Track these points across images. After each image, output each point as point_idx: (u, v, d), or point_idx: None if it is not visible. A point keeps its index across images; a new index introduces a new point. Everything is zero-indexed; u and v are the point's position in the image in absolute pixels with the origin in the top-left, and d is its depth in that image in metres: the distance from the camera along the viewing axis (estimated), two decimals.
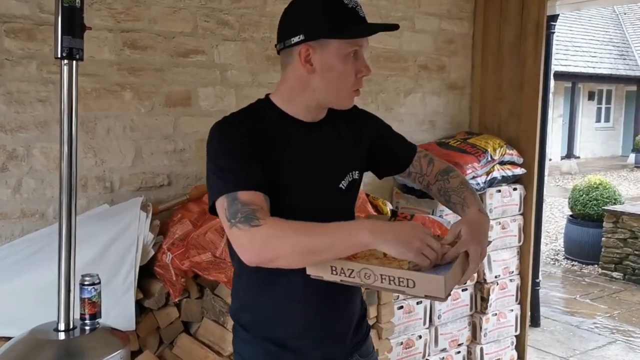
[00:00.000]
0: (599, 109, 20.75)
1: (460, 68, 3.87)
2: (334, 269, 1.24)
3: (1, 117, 2.34)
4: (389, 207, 3.06)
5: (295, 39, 1.32)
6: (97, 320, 1.82)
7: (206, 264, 2.39)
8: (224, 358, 2.38)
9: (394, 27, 1.37)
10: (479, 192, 3.40)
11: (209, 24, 2.80)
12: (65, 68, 1.70)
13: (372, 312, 2.85)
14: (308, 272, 1.27)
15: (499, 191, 3.52)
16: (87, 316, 1.80)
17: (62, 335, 1.76)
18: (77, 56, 1.71)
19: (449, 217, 3.25)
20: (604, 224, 6.31)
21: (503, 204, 3.54)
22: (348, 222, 1.22)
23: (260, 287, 1.43)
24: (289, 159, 1.37)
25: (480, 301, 3.53)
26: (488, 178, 3.43)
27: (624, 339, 4.43)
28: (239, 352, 1.50)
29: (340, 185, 1.46)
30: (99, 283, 1.82)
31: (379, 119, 1.63)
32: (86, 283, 1.79)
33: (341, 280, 1.24)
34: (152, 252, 2.44)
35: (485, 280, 3.50)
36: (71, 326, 1.78)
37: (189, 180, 2.80)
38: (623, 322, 4.79)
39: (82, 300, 1.80)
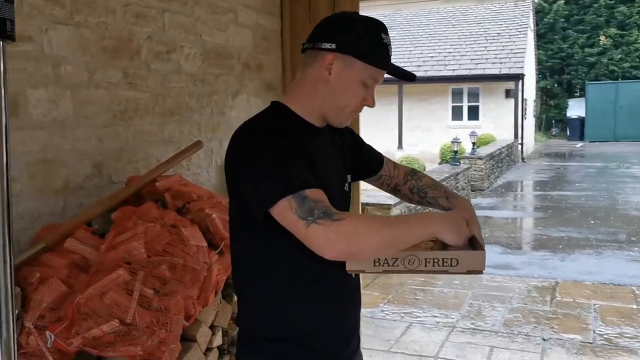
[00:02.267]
0: None
1: (273, 68, 3.60)
2: (376, 261, 1.28)
3: None
4: None
5: (327, 45, 1.37)
6: None
7: (111, 336, 1.69)
8: None
9: (413, 77, 1.46)
10: None
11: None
12: None
13: None
14: (348, 268, 1.30)
15: None
16: None
17: None
18: (9, 32, 0.97)
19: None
20: None
21: None
22: (416, 215, 1.37)
23: (298, 290, 1.40)
24: (314, 162, 1.38)
25: None
26: None
27: (416, 320, 4.76)
28: None
29: (345, 188, 1.55)
30: None
31: (351, 129, 1.70)
32: None
33: (383, 271, 1.29)
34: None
35: None
36: None
37: (24, 223, 1.96)
38: (403, 305, 5.16)
39: None
